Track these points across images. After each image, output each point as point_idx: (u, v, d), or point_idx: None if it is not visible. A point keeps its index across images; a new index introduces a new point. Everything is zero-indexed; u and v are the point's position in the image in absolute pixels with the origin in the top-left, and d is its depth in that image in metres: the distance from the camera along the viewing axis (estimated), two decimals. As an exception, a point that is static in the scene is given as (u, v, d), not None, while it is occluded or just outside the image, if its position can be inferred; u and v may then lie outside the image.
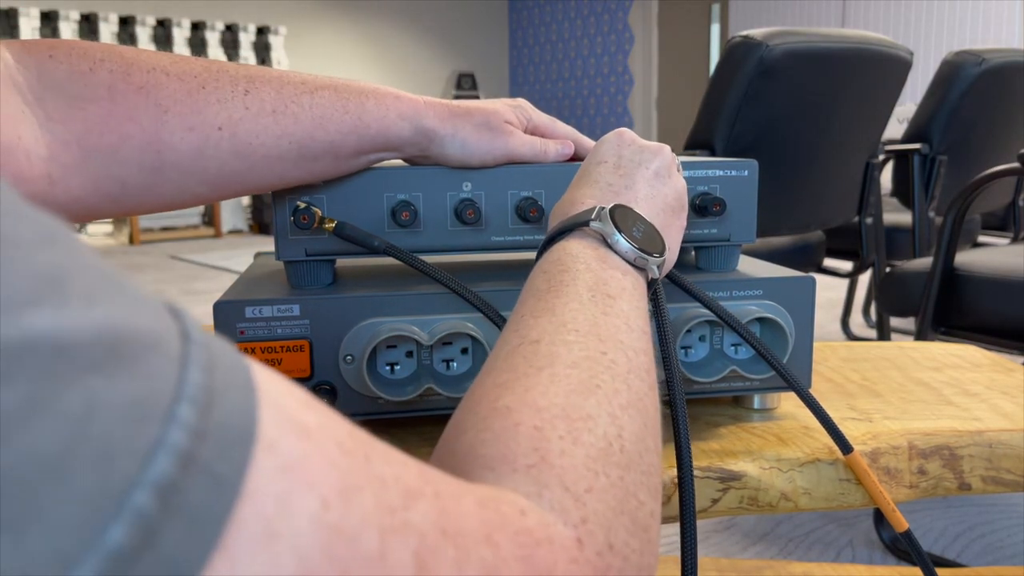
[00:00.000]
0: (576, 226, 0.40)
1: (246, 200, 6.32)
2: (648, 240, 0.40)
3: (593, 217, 0.40)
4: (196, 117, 0.46)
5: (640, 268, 0.40)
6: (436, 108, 0.52)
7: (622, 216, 0.40)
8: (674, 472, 0.50)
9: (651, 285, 0.42)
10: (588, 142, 0.60)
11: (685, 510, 0.41)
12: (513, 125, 0.56)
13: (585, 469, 0.27)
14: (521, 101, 0.58)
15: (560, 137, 0.59)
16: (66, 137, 0.44)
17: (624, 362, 0.33)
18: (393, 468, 0.21)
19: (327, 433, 0.20)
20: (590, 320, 0.34)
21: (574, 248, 0.39)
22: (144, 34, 6.67)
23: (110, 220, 6.19)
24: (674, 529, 1.42)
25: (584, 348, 0.32)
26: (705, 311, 0.53)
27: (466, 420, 0.30)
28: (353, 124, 0.50)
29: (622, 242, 0.39)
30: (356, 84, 0.51)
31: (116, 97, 0.45)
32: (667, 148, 0.47)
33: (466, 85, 6.55)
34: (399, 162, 0.57)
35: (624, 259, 0.39)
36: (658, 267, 0.41)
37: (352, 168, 0.52)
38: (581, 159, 0.58)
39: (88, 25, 6.44)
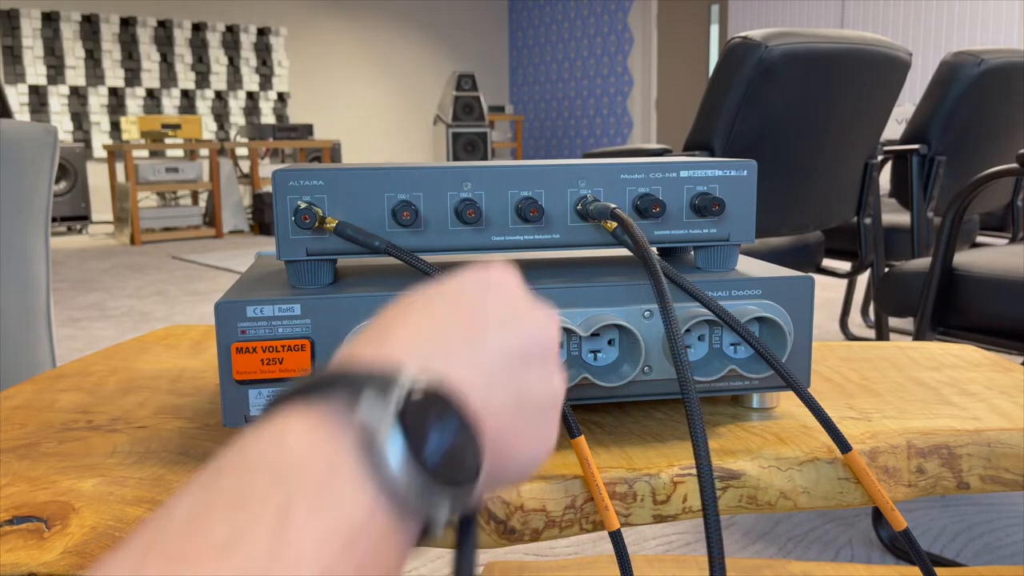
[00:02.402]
0: (333, 396, 0.23)
1: (247, 200, 6.32)
2: (452, 460, 0.23)
3: (372, 387, 0.23)
4: None
5: (412, 509, 0.22)
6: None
7: (421, 411, 0.23)
8: (674, 471, 0.50)
9: (421, 539, 0.24)
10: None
11: (707, 509, 0.41)
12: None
13: None
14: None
15: None
16: None
17: None
18: None
19: None
20: None
21: (297, 448, 0.21)
22: (145, 35, 6.67)
23: (111, 220, 6.19)
24: (677, 527, 1.42)
25: None
26: (704, 310, 0.53)
27: None
28: None
29: (391, 459, 0.22)
30: None
31: None
32: (555, 322, 0.31)
33: (466, 85, 6.55)
34: (399, 162, 0.57)
35: (389, 486, 0.22)
36: (451, 507, 0.23)
37: None
38: None
39: (90, 26, 6.44)
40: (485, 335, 0.28)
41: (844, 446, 0.51)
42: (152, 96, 6.73)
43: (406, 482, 0.22)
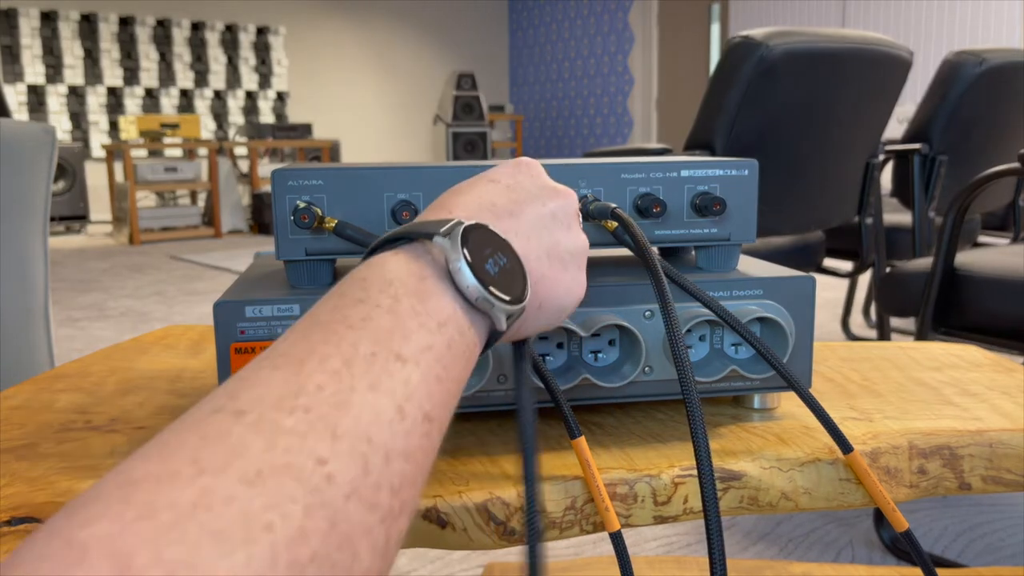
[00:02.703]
0: (415, 236, 0.32)
1: (246, 200, 6.32)
2: (505, 280, 0.32)
3: (441, 231, 0.31)
4: None
5: (482, 312, 0.31)
6: None
7: (479, 240, 0.31)
8: (675, 472, 0.50)
9: (490, 341, 0.33)
10: None
11: (708, 510, 0.41)
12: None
13: None
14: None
15: None
16: None
17: (350, 478, 0.22)
18: None
19: None
20: (339, 398, 0.24)
21: (395, 268, 0.30)
22: (144, 34, 6.67)
23: (109, 220, 6.19)
24: (678, 528, 1.42)
25: (294, 448, 0.22)
26: (705, 311, 0.53)
27: (48, 527, 0.19)
28: None
29: (465, 273, 0.30)
30: None
31: None
32: (575, 196, 0.40)
33: (466, 85, 6.55)
34: (399, 161, 0.57)
35: (463, 295, 0.30)
36: (507, 317, 0.32)
37: None
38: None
39: (88, 25, 6.44)
40: (521, 202, 0.36)
41: (845, 447, 0.51)
42: (151, 95, 6.73)
43: (473, 290, 0.30)
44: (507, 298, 0.31)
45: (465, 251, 0.30)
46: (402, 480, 0.24)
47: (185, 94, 6.88)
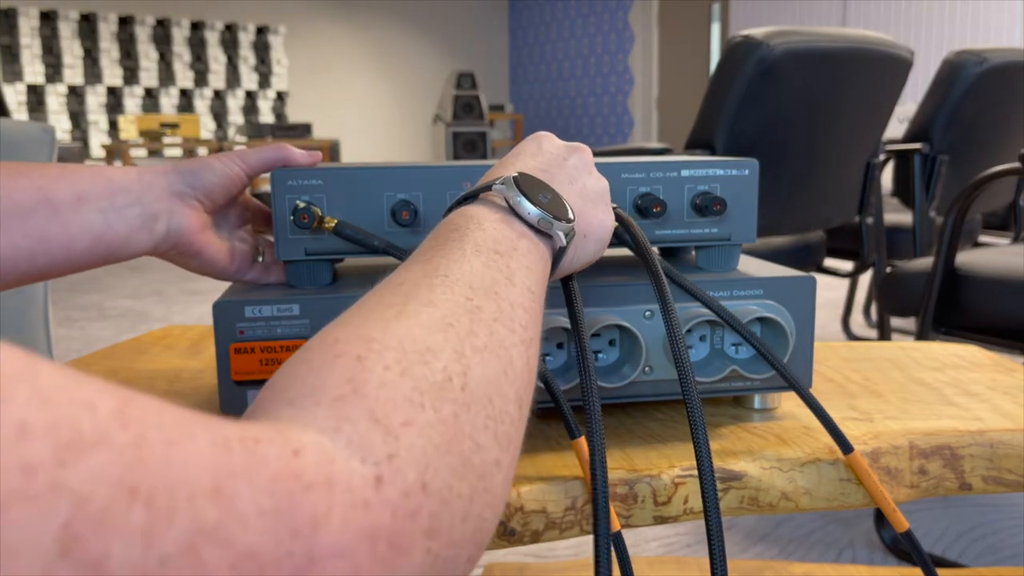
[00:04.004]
0: (479, 191, 0.40)
1: (246, 200, 6.31)
2: (555, 206, 0.40)
3: (499, 182, 0.39)
4: None
5: (544, 234, 0.39)
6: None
7: (527, 182, 0.40)
8: (675, 472, 0.50)
9: (556, 259, 0.40)
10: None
11: (709, 511, 0.41)
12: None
13: (407, 402, 0.25)
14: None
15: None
16: None
17: (492, 310, 0.32)
18: (54, 411, 0.16)
19: None
20: (465, 270, 0.33)
21: (472, 211, 0.38)
22: (143, 34, 6.67)
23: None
24: (678, 529, 1.42)
25: (447, 292, 0.31)
26: (705, 311, 0.53)
27: (293, 357, 0.28)
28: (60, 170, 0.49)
29: (524, 204, 0.38)
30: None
31: None
32: (589, 149, 0.48)
33: (466, 84, 6.54)
34: (399, 161, 0.56)
35: (526, 222, 0.38)
36: (564, 234, 0.40)
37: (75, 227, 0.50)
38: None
39: (88, 25, 6.44)
40: (549, 162, 0.44)
41: (846, 447, 0.51)
42: (150, 95, 6.73)
43: (534, 215, 0.38)
44: (561, 218, 0.39)
45: (520, 191, 0.39)
46: (524, 318, 0.33)
47: (185, 94, 6.88)
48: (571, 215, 0.41)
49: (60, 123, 6.44)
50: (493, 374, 0.29)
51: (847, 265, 1.98)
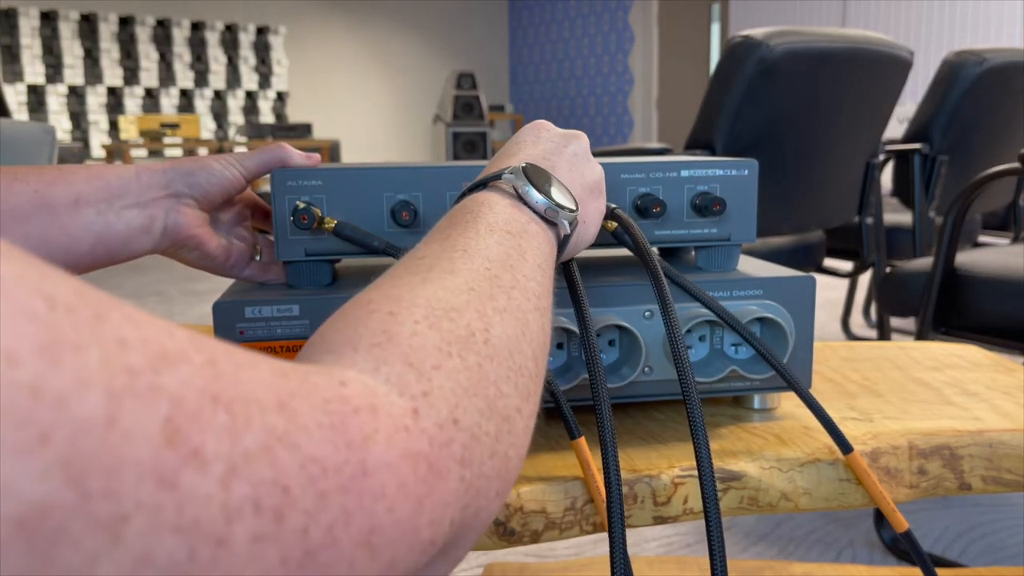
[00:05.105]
0: (487, 182, 0.42)
1: (246, 200, 6.31)
2: (560, 195, 0.41)
3: (507, 172, 0.41)
4: None
5: (550, 222, 0.41)
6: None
7: (535, 173, 0.41)
8: (675, 472, 0.50)
9: (562, 247, 0.42)
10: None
11: (709, 511, 0.41)
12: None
13: (436, 350, 0.27)
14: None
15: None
16: None
17: (509, 279, 0.34)
18: (143, 331, 0.19)
19: (25, 285, 0.17)
20: (481, 245, 0.35)
21: (483, 196, 0.40)
22: (144, 34, 6.66)
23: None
24: (678, 528, 1.41)
25: (468, 262, 0.33)
26: (705, 311, 0.53)
27: (332, 316, 0.30)
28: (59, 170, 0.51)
29: (533, 193, 0.40)
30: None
31: None
32: (586, 136, 0.49)
33: (466, 84, 6.54)
34: (399, 161, 0.56)
35: (534, 210, 0.40)
36: (569, 223, 0.41)
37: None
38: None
39: (88, 25, 6.44)
40: (550, 151, 0.46)
41: (845, 447, 0.51)
42: (151, 95, 6.73)
43: (541, 203, 0.40)
44: (565, 207, 0.41)
45: (528, 179, 0.40)
46: (537, 290, 0.35)
47: (185, 94, 6.88)
48: (575, 204, 0.42)
49: (60, 123, 6.44)
50: (512, 332, 0.31)
51: (847, 265, 1.98)
